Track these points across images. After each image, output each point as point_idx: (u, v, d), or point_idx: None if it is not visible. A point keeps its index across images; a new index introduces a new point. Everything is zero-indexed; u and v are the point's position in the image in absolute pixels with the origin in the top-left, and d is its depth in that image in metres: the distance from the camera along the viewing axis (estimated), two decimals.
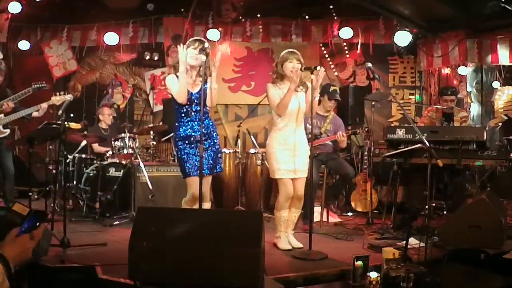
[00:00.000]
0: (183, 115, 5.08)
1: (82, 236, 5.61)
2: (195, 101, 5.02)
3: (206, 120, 5.07)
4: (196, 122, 5.03)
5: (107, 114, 8.47)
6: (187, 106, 5.03)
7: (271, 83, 5.30)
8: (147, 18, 9.57)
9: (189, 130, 5.04)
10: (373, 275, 3.62)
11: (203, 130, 4.91)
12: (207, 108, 5.09)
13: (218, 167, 5.21)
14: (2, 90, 6.59)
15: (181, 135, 5.06)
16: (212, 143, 5.09)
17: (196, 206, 4.99)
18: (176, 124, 5.16)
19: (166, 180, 7.18)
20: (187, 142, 5.04)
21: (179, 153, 5.09)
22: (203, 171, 4.91)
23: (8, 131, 6.53)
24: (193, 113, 5.04)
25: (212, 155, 5.10)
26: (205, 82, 4.97)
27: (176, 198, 5.83)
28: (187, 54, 4.99)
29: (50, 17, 9.47)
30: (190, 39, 5.12)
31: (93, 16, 9.48)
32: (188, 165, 5.00)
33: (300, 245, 5.26)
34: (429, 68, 9.40)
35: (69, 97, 6.29)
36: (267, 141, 5.41)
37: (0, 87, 6.61)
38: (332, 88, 6.86)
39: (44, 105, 6.37)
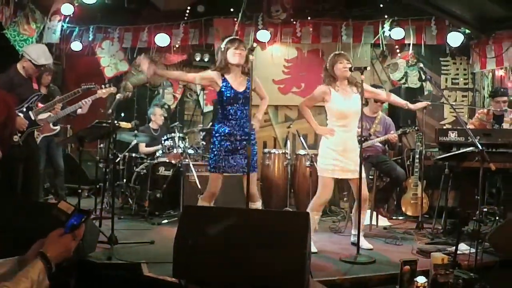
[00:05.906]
0: (226, 113, 5.08)
1: (130, 234, 5.72)
2: (240, 100, 5.05)
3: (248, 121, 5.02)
4: (238, 121, 5.07)
5: (159, 114, 8.63)
6: (232, 105, 5.05)
7: (326, 85, 5.30)
8: (198, 20, 9.64)
9: (231, 128, 5.06)
10: (421, 280, 3.55)
11: (245, 130, 4.97)
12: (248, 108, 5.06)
13: (254, 167, 5.18)
14: (50, 89, 6.73)
15: (222, 132, 5.07)
16: (250, 143, 5.02)
17: (212, 204, 5.09)
18: (218, 121, 5.20)
19: None
20: (226, 139, 5.06)
21: (214, 147, 5.11)
22: (241, 170, 5.04)
23: (58, 128, 6.67)
24: (237, 112, 5.06)
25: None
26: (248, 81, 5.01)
27: (224, 198, 5.85)
28: (228, 54, 5.03)
29: (102, 18, 9.63)
30: (227, 40, 5.14)
31: (144, 17, 9.61)
32: (216, 159, 5.04)
33: (370, 247, 5.26)
34: (482, 70, 9.16)
35: (113, 89, 6.40)
36: (321, 141, 5.41)
37: (49, 86, 6.76)
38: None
39: (87, 101, 6.47)
